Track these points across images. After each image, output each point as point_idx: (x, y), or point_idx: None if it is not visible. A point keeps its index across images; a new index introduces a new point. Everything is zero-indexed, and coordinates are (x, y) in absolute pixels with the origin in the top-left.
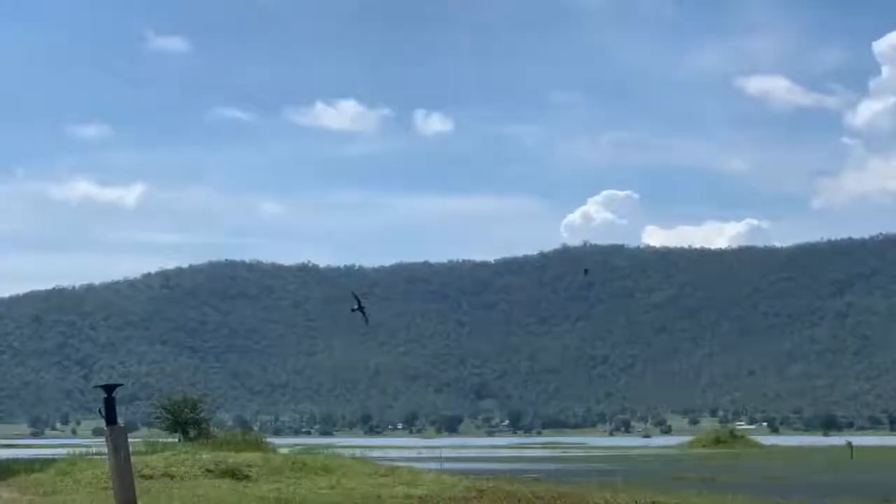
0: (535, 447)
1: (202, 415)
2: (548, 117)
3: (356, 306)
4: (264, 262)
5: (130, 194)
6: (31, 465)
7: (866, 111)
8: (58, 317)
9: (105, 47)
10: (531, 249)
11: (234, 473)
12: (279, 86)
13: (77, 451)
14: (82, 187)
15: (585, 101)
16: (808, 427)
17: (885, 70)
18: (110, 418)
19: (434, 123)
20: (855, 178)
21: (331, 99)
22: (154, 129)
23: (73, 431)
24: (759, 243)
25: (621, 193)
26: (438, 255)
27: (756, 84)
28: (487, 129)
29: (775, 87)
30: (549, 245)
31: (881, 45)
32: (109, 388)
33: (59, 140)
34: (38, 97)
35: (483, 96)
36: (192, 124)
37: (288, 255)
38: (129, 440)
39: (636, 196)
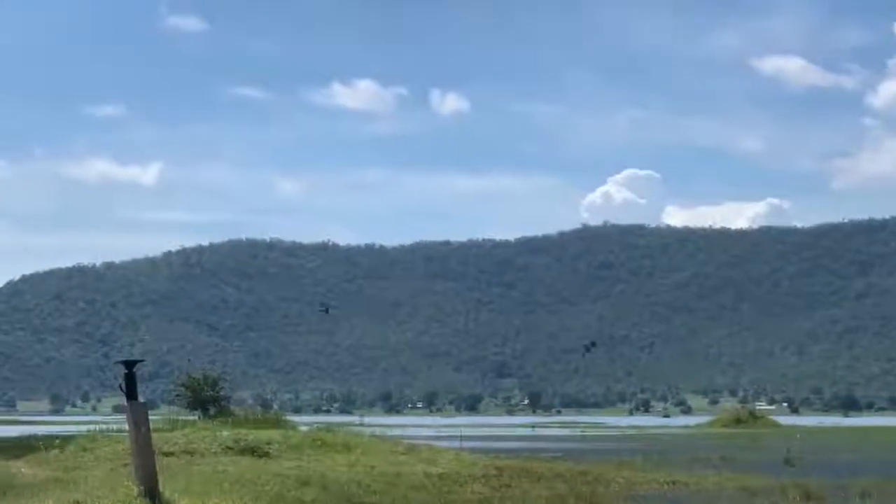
0: (554, 426)
1: (222, 393)
2: (565, 96)
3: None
4: (284, 240)
5: (148, 173)
6: (52, 442)
7: (886, 91)
8: (79, 294)
9: (120, 26)
10: (551, 229)
11: (253, 451)
12: (295, 65)
13: (97, 427)
14: (100, 166)
15: (603, 80)
16: (828, 408)
17: None
18: (131, 394)
19: (451, 103)
20: (875, 159)
21: (347, 78)
22: (170, 108)
23: (94, 408)
24: (780, 223)
25: (642, 173)
26: (458, 234)
27: (776, 64)
28: (505, 108)
29: (795, 67)
30: (570, 224)
31: None
32: (130, 364)
33: (76, 119)
34: (54, 77)
35: (500, 75)
36: (208, 103)
37: (308, 233)
38: (150, 417)
39: (657, 176)
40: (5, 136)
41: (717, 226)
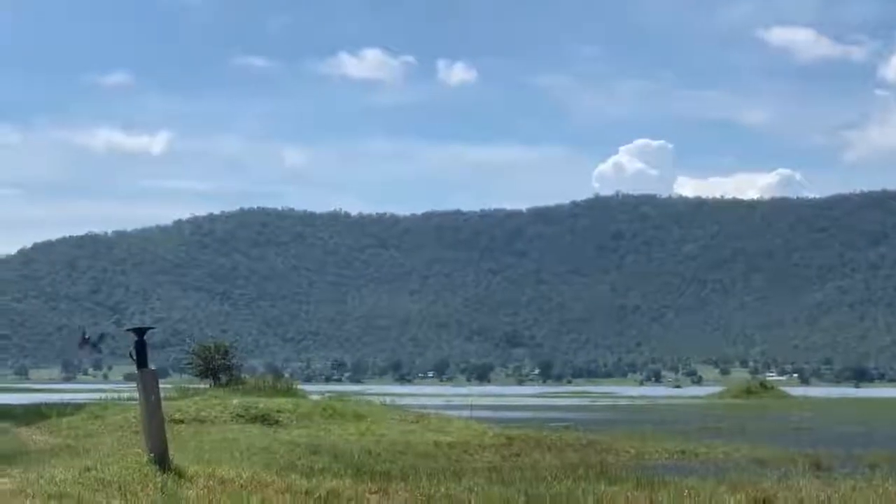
0: (565, 396)
1: (233, 361)
2: (576, 67)
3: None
4: (296, 209)
5: (157, 142)
6: (64, 410)
7: None
8: (90, 262)
9: None
10: (563, 199)
11: (264, 418)
12: (301, 35)
13: (109, 395)
14: (111, 135)
15: (615, 51)
16: (839, 379)
17: None
18: (141, 361)
19: (460, 73)
20: (887, 130)
21: (353, 48)
22: (179, 77)
23: (105, 377)
24: (792, 194)
25: (654, 143)
26: (470, 203)
27: (787, 35)
28: (515, 79)
29: (806, 39)
30: (581, 194)
31: None
32: (140, 332)
33: (85, 88)
34: (61, 46)
35: (509, 46)
36: (216, 72)
37: (319, 203)
38: (161, 386)
39: (669, 146)
40: (14, 104)
41: (729, 196)
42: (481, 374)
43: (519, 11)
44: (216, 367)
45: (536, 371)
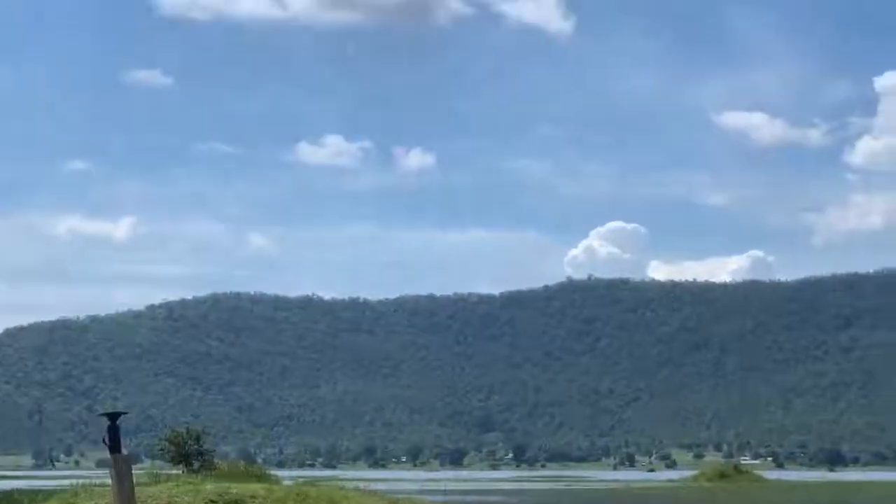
0: (539, 480)
1: (206, 447)
2: (537, 151)
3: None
4: (268, 294)
5: (129, 228)
6: (35, 496)
7: (867, 147)
8: (62, 348)
9: (84, 83)
10: (536, 283)
11: None
12: (262, 122)
13: (80, 482)
14: (82, 221)
15: (584, 135)
16: (813, 462)
17: (884, 107)
18: (114, 447)
19: (429, 159)
20: (859, 213)
21: (317, 135)
22: (140, 164)
23: (77, 463)
24: (764, 277)
25: (628, 226)
26: (443, 288)
27: (757, 119)
28: (488, 164)
29: (777, 122)
30: (554, 279)
31: (883, 82)
32: (113, 417)
33: (48, 175)
34: (23, 134)
35: (480, 131)
36: (181, 158)
37: (290, 287)
38: (133, 471)
39: (642, 230)
40: None
41: (702, 279)
42: (455, 459)
43: (493, 97)
44: (189, 453)
45: (510, 455)
